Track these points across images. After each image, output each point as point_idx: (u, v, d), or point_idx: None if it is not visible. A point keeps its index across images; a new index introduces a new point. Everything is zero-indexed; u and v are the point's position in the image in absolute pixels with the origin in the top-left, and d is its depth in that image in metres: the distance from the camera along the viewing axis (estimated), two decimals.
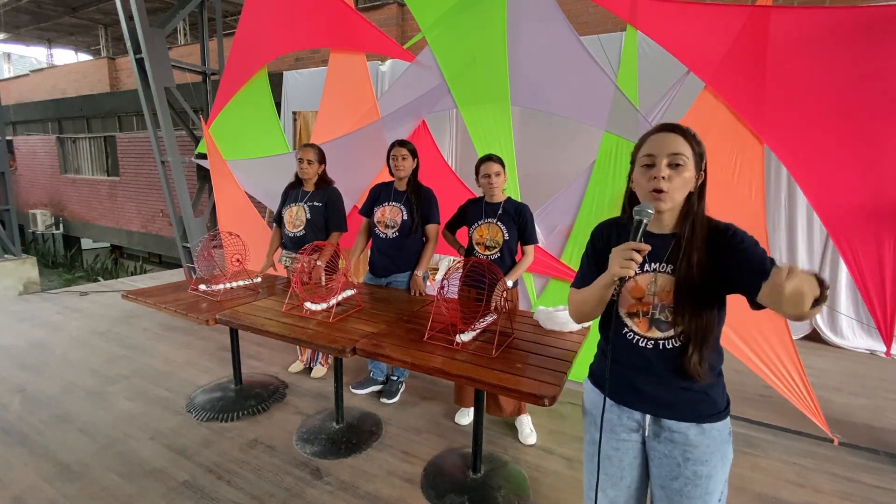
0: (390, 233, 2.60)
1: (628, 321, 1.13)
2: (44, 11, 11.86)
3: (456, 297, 1.85)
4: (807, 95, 2.28)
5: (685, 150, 1.05)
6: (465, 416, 2.57)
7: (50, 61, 16.92)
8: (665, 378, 1.11)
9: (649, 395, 1.13)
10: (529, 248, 2.40)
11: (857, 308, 3.90)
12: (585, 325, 2.01)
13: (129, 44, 4.41)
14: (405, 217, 2.58)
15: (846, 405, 2.91)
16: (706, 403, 1.11)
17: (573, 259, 2.96)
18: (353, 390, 2.85)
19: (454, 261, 3.86)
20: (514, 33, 2.84)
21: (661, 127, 1.10)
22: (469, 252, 2.45)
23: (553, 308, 2.06)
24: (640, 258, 1.00)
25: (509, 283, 2.23)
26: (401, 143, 2.58)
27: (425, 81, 3.14)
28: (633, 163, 1.15)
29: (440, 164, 3.29)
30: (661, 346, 1.10)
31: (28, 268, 5.80)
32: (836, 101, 2.23)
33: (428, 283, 2.69)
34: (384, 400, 2.77)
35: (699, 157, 1.08)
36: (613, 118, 2.72)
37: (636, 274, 1.12)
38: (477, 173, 2.38)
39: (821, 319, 4.03)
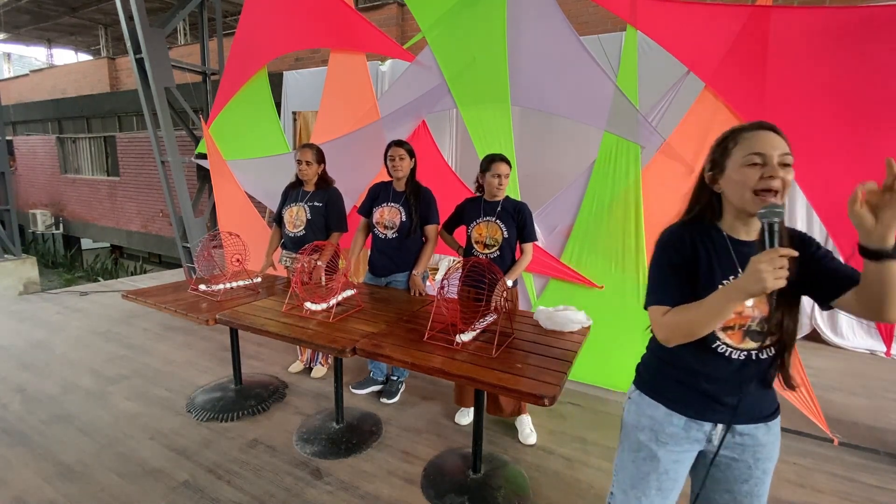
0: (389, 234, 2.60)
1: (721, 334, 1.06)
2: (44, 11, 11.86)
3: (456, 297, 1.85)
4: (807, 95, 2.29)
5: (789, 151, 0.98)
6: (465, 416, 2.57)
7: (50, 61, 16.92)
8: (747, 386, 1.08)
9: (729, 405, 1.08)
10: (528, 247, 2.40)
11: None
12: (585, 325, 2.01)
13: (129, 44, 4.41)
14: (404, 218, 2.57)
15: (846, 405, 2.91)
16: (771, 401, 1.12)
17: (573, 259, 2.96)
18: (353, 390, 2.85)
19: (454, 261, 3.86)
20: (514, 33, 2.84)
21: (760, 125, 1.01)
22: (468, 251, 2.44)
23: (553, 308, 2.06)
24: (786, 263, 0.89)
25: (509, 283, 2.23)
26: (398, 143, 2.57)
27: (425, 81, 3.14)
28: (720, 159, 1.05)
29: (440, 164, 3.29)
30: (752, 357, 1.07)
31: (28, 268, 5.79)
32: (836, 100, 2.23)
33: (428, 283, 2.69)
34: (384, 400, 2.77)
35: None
36: (613, 118, 2.72)
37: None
38: (484, 170, 2.36)
39: (821, 319, 4.03)
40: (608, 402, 2.83)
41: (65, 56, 17.35)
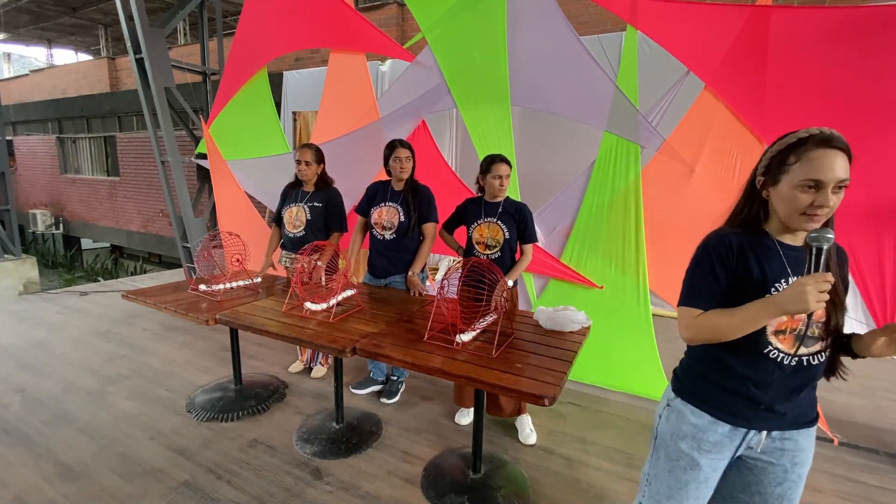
0: (387, 234, 2.59)
1: (773, 339, 1.05)
2: (44, 11, 11.86)
3: (456, 298, 1.85)
4: (807, 95, 2.29)
5: (848, 172, 0.97)
6: (465, 416, 2.57)
7: (50, 61, 16.92)
8: (794, 392, 1.08)
9: (775, 412, 1.08)
10: (528, 247, 2.40)
11: (857, 308, 3.89)
12: (585, 325, 2.01)
13: (129, 44, 4.41)
14: (402, 218, 2.57)
15: (846, 405, 2.91)
16: (813, 406, 1.12)
17: (573, 259, 2.96)
18: (353, 390, 2.85)
19: (454, 261, 3.86)
20: (514, 33, 2.84)
21: (828, 142, 0.97)
22: (468, 251, 2.44)
23: (553, 308, 2.06)
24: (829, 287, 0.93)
25: (509, 283, 2.23)
26: (402, 144, 2.55)
27: (425, 81, 3.14)
28: (776, 170, 1.03)
29: (440, 164, 3.29)
30: (804, 363, 1.06)
31: (28, 268, 5.79)
32: (835, 100, 2.23)
33: (428, 283, 2.69)
34: (384, 400, 2.77)
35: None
36: (613, 118, 2.72)
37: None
38: (484, 171, 2.35)
39: None
40: (608, 402, 2.83)
41: (65, 56, 17.35)
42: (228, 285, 2.59)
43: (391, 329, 1.97)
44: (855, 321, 3.88)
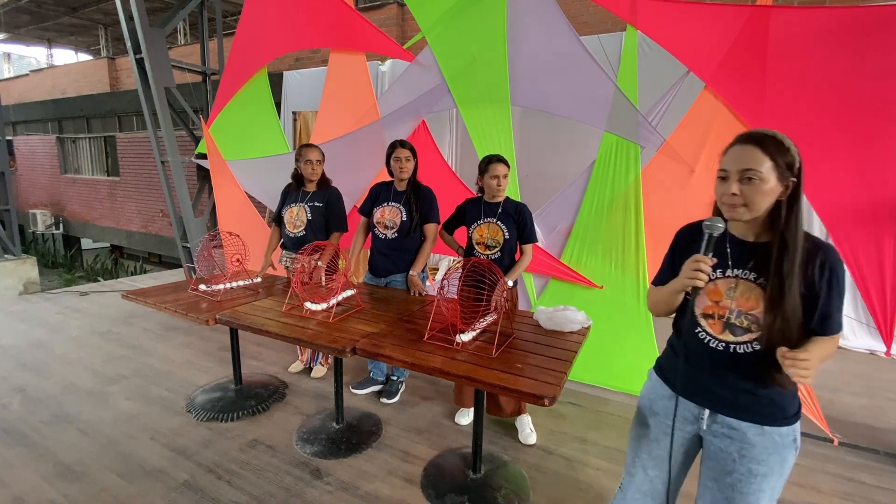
0: (389, 233, 2.60)
1: (702, 321, 1.16)
2: (44, 11, 11.86)
3: (456, 297, 1.85)
4: (807, 95, 2.29)
5: (760, 164, 1.02)
6: (465, 416, 2.57)
7: (50, 61, 16.91)
8: (731, 379, 1.13)
9: (712, 393, 1.16)
10: (528, 248, 2.40)
11: (857, 308, 3.90)
12: (585, 325, 2.01)
13: (129, 44, 4.41)
14: (404, 217, 2.57)
15: (846, 405, 2.91)
16: (771, 408, 1.11)
17: (573, 259, 2.96)
18: (353, 390, 2.85)
19: (454, 261, 3.86)
20: (514, 33, 2.84)
21: (741, 138, 1.07)
22: (468, 251, 2.44)
23: (553, 308, 2.06)
24: (708, 270, 1.06)
25: (509, 283, 2.23)
26: (402, 144, 2.55)
27: (425, 81, 3.14)
28: (720, 163, 1.13)
29: (440, 164, 3.29)
30: (731, 350, 1.12)
31: (28, 268, 5.79)
32: (836, 100, 2.23)
33: (428, 283, 2.69)
34: (384, 400, 2.77)
35: (785, 167, 1.03)
36: (613, 118, 2.72)
37: (717, 278, 1.14)
38: (482, 172, 2.36)
39: None
40: (608, 402, 2.83)
41: (65, 56, 17.34)
42: (228, 285, 2.59)
43: (391, 329, 1.97)
44: (855, 321, 3.90)
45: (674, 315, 1.27)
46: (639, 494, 1.31)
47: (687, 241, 1.21)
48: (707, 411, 1.16)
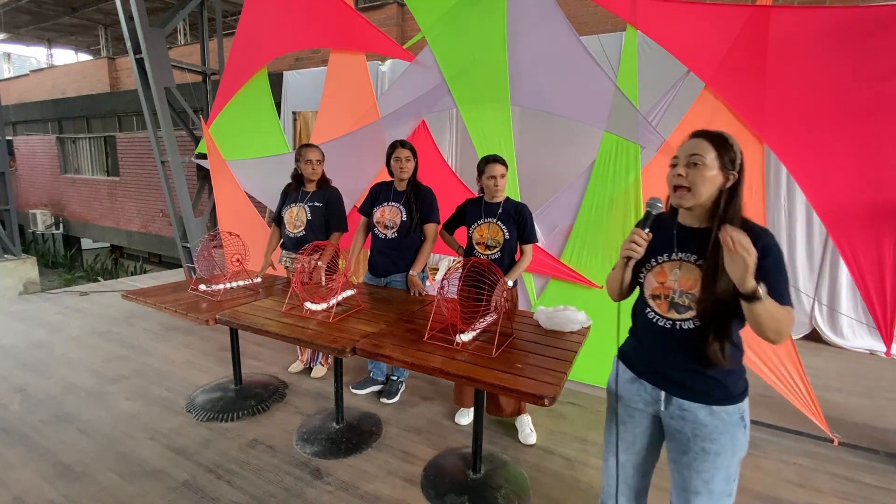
0: (389, 233, 2.60)
1: (651, 302, 1.26)
2: (44, 11, 11.85)
3: (456, 297, 1.85)
4: (807, 95, 2.29)
5: (706, 152, 1.15)
6: (465, 416, 2.57)
7: (50, 61, 16.90)
8: (679, 359, 1.21)
9: (665, 374, 1.25)
10: (528, 248, 2.40)
11: (857, 308, 3.90)
12: (585, 325, 2.01)
13: (129, 44, 4.41)
14: (404, 217, 2.57)
15: (846, 405, 2.91)
16: (717, 388, 1.19)
17: (573, 259, 2.96)
18: (353, 390, 2.85)
19: (454, 261, 3.86)
20: (514, 33, 2.84)
21: (693, 133, 1.21)
22: (468, 252, 2.44)
23: (553, 308, 2.06)
24: (642, 242, 1.18)
25: (509, 283, 2.23)
26: (402, 144, 2.56)
27: (425, 81, 3.14)
28: None
29: (440, 164, 3.29)
30: (677, 327, 1.21)
31: (28, 268, 5.79)
32: (836, 100, 2.23)
33: (427, 283, 2.69)
34: (384, 400, 2.77)
35: (728, 160, 1.15)
36: (613, 118, 2.72)
37: (664, 261, 1.25)
38: (480, 173, 2.37)
39: (821, 319, 4.03)
40: None
41: (65, 56, 17.33)
42: (228, 285, 2.59)
43: (391, 329, 1.97)
44: (855, 321, 3.90)
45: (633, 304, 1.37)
46: (612, 480, 1.39)
47: (648, 230, 1.31)
48: (663, 393, 1.25)
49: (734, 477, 1.23)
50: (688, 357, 1.19)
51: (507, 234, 2.34)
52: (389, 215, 2.59)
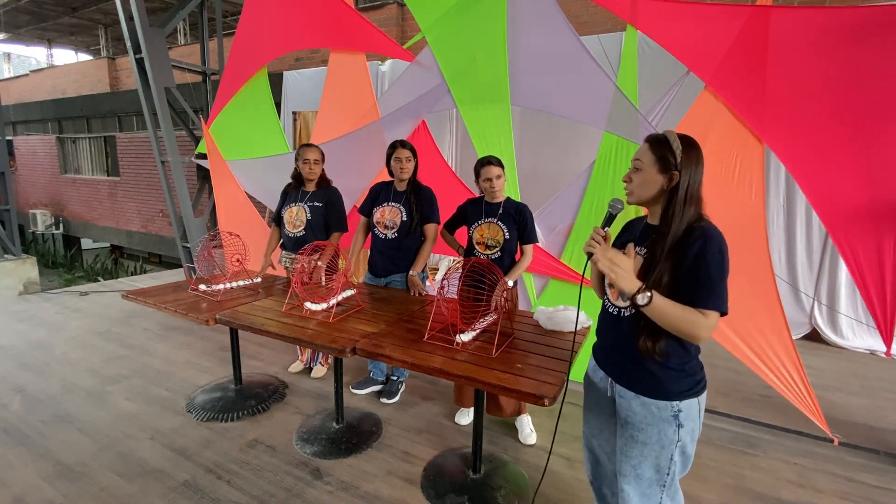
0: (389, 233, 2.60)
1: (608, 291, 1.37)
2: (44, 11, 11.84)
3: (456, 297, 1.85)
4: (807, 95, 2.28)
5: (644, 156, 1.24)
6: (465, 416, 2.57)
7: (50, 61, 16.89)
8: (622, 346, 1.28)
9: (611, 359, 1.34)
10: (528, 248, 2.40)
11: (856, 308, 3.90)
12: (585, 325, 2.01)
13: (129, 44, 4.41)
14: (404, 217, 2.57)
15: (846, 405, 2.91)
16: (651, 381, 1.23)
17: (573, 259, 2.96)
18: (353, 390, 2.85)
19: (454, 261, 3.86)
20: (514, 33, 2.84)
21: (644, 139, 1.28)
22: (469, 252, 2.44)
23: (553, 308, 2.06)
24: (599, 239, 1.22)
25: (509, 283, 2.23)
26: (402, 145, 2.56)
27: (425, 81, 3.14)
28: None
29: (440, 164, 3.29)
30: (622, 314, 1.28)
31: (28, 268, 5.79)
32: (836, 100, 2.23)
33: (427, 283, 2.69)
34: (384, 400, 2.77)
35: (664, 161, 1.21)
36: (613, 118, 2.72)
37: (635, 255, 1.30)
38: (477, 175, 2.38)
39: (821, 319, 4.03)
40: None
41: (65, 56, 17.32)
42: (228, 285, 2.59)
43: (391, 329, 1.97)
44: (855, 321, 3.90)
45: None
46: (589, 466, 1.50)
47: (623, 230, 1.45)
48: (610, 379, 1.33)
49: (667, 469, 1.24)
50: (629, 346, 1.24)
51: (507, 234, 2.34)
52: (389, 215, 2.59)
